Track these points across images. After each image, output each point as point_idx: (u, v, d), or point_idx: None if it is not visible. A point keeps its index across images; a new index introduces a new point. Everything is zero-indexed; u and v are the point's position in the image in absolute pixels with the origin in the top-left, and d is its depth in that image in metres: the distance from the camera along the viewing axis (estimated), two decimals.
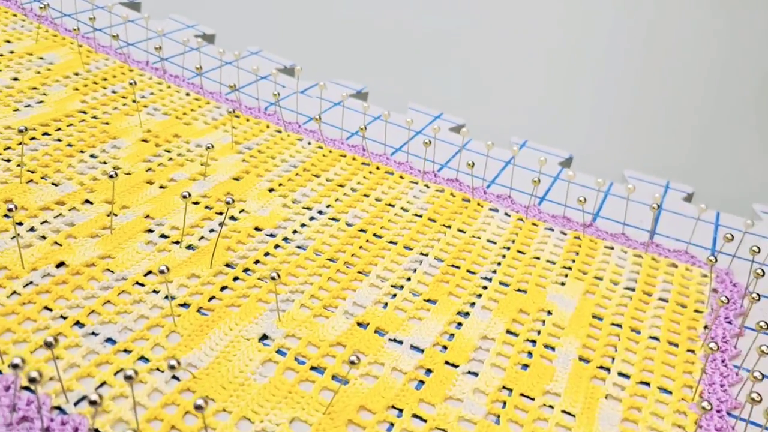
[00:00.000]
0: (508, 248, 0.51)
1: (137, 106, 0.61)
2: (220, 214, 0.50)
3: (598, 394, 0.39)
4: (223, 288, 0.43)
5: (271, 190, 0.54)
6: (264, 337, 0.40)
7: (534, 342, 0.43)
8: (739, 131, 0.99)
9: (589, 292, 0.48)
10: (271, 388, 0.36)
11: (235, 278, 0.44)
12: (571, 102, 1.02)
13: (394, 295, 0.45)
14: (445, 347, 0.41)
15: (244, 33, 0.81)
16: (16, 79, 0.61)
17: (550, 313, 0.45)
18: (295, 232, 0.49)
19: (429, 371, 0.39)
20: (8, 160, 0.51)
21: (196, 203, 0.50)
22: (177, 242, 0.46)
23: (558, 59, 1.12)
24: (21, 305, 0.38)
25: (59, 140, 0.54)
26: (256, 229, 0.49)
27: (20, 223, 0.45)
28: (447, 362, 0.40)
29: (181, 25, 0.80)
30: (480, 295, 0.46)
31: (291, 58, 0.78)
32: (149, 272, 0.43)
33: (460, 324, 0.43)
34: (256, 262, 0.46)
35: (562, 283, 0.48)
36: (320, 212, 0.52)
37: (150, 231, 0.47)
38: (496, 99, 0.97)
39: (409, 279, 0.47)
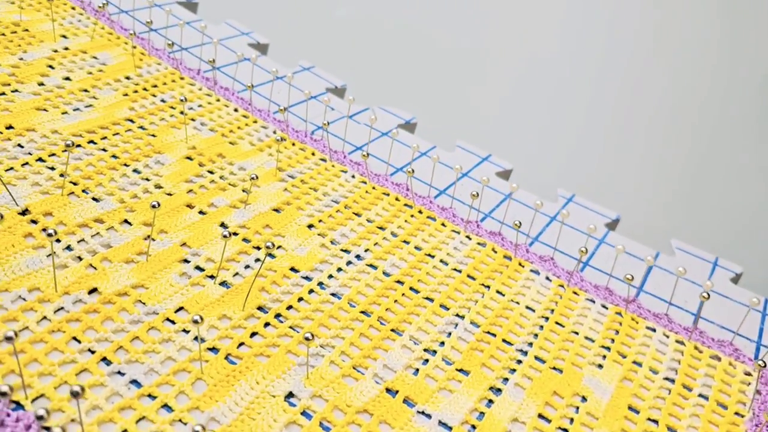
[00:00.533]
0: (547, 318, 0.50)
1: (185, 119, 0.60)
2: (258, 248, 0.49)
3: None
4: (253, 334, 0.42)
5: (310, 226, 0.53)
6: (290, 395, 0.39)
7: (566, 431, 0.41)
8: None
9: (626, 379, 0.46)
10: None
11: (267, 324, 0.43)
12: (623, 155, 1.00)
13: (426, 361, 0.43)
14: (474, 426, 0.40)
15: (299, 45, 0.80)
16: (68, 78, 0.61)
17: (584, 399, 0.44)
18: (330, 276, 0.48)
19: None
20: (52, 168, 0.50)
21: (235, 234, 0.49)
22: (212, 276, 0.45)
23: (616, 111, 1.09)
24: (50, 333, 0.38)
25: (104, 150, 0.54)
26: (292, 269, 0.48)
27: (58, 240, 0.44)
28: None
29: (236, 32, 0.80)
30: (514, 370, 0.44)
31: (343, 77, 0.77)
32: (181, 308, 0.42)
33: (491, 401, 0.42)
34: (289, 307, 0.45)
35: (600, 365, 0.46)
36: (358, 256, 0.51)
37: (186, 261, 0.46)
38: (548, 142, 0.96)
39: (443, 343, 0.45)
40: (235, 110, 0.64)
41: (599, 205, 0.66)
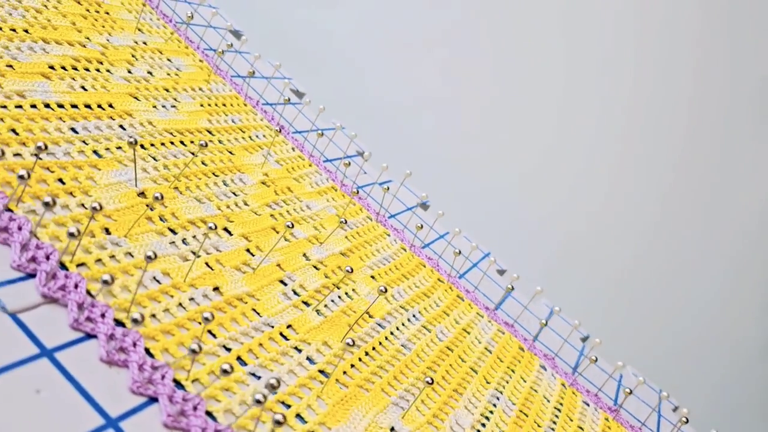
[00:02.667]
0: (559, 410, 0.56)
1: (271, 142, 0.62)
2: (338, 287, 0.52)
3: None
4: (351, 365, 0.45)
5: (373, 277, 0.56)
6: (392, 429, 0.42)
7: None
8: None
9: None
10: None
11: (359, 358, 0.46)
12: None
13: (484, 425, 0.48)
14: None
15: (331, 107, 0.84)
16: (150, 73, 0.61)
17: None
18: (398, 329, 0.52)
19: None
20: (154, 158, 0.51)
21: (317, 268, 0.52)
22: (307, 303, 0.47)
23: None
24: (188, 320, 0.39)
25: (193, 153, 0.55)
26: (368, 314, 0.51)
27: (174, 232, 0.45)
28: None
29: (277, 73, 0.83)
30: None
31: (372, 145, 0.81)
32: (290, 325, 0.44)
33: None
34: (373, 348, 0.48)
35: None
36: (414, 316, 0.55)
37: (284, 283, 0.48)
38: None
39: (491, 413, 0.50)
40: (293, 149, 0.67)
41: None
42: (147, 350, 0.35)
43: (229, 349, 0.39)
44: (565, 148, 1.23)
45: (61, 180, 0.42)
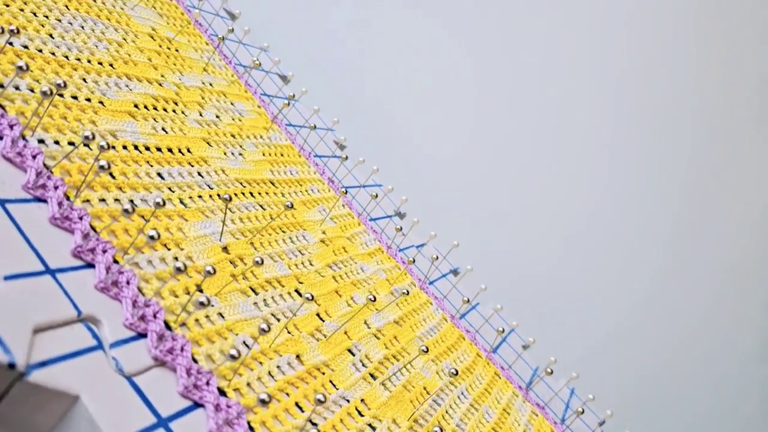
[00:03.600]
0: None
1: (314, 200, 0.62)
2: (396, 358, 0.51)
3: None
4: None
5: (425, 350, 0.56)
6: None
7: None
8: None
9: None
10: None
11: None
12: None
13: None
14: None
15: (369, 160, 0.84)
16: (218, 117, 0.61)
17: None
18: (451, 407, 0.52)
19: None
20: (231, 210, 0.50)
21: (377, 337, 0.52)
22: (373, 376, 0.47)
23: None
24: (279, 391, 0.38)
25: (263, 207, 0.55)
26: (425, 389, 0.51)
27: (255, 291, 0.45)
28: None
29: (321, 123, 0.83)
30: None
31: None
32: (362, 399, 0.44)
33: None
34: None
35: None
36: (463, 393, 0.55)
37: (352, 353, 0.48)
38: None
39: None
40: (343, 206, 0.68)
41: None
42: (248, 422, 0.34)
43: (315, 424, 0.38)
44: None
45: (157, 232, 0.41)
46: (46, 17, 0.51)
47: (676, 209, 1.22)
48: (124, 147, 0.46)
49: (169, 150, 0.50)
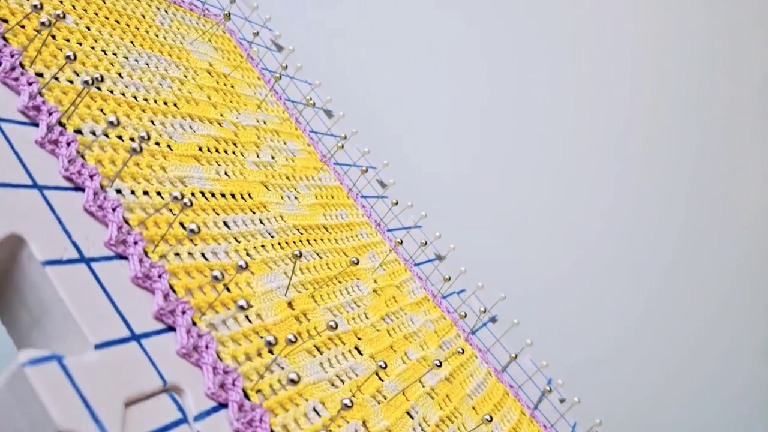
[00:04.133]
0: None
1: (364, 245, 0.62)
2: (451, 421, 0.50)
3: None
4: None
5: (474, 408, 0.55)
6: None
7: None
8: None
9: None
10: None
11: None
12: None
13: None
14: None
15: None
16: (273, 158, 0.61)
17: None
18: None
19: None
20: (300, 254, 0.50)
21: (431, 397, 0.51)
22: None
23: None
24: None
25: (319, 256, 0.54)
26: None
27: (320, 350, 0.44)
28: None
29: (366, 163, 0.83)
30: None
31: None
32: None
33: None
34: None
35: None
36: None
37: (411, 416, 0.47)
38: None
39: None
40: (390, 250, 0.67)
41: None
42: None
43: None
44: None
45: (227, 287, 0.40)
46: (115, 54, 0.50)
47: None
48: (192, 194, 0.45)
49: (232, 195, 0.50)
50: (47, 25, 0.37)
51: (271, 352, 0.39)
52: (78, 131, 0.39)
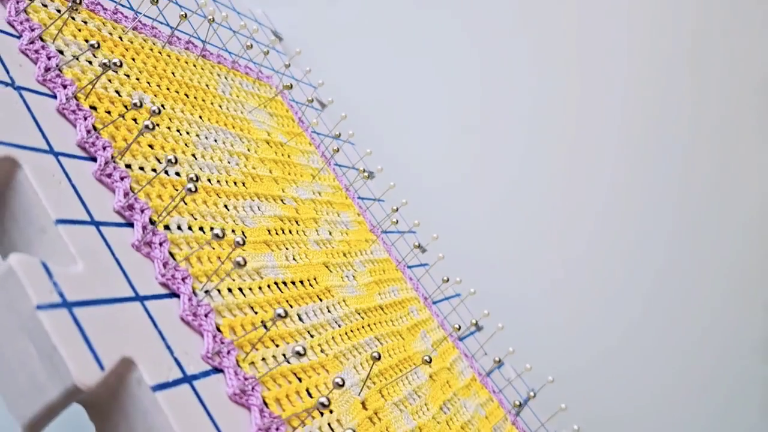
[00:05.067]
0: None
1: (416, 324, 0.61)
2: None
3: None
4: None
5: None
6: None
7: None
8: None
9: None
10: None
11: None
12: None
13: None
14: None
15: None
16: (330, 233, 0.60)
17: None
18: None
19: None
20: (358, 351, 0.49)
21: None
22: None
23: None
24: None
25: (380, 341, 0.53)
26: None
27: None
28: None
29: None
30: None
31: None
32: None
33: None
34: None
35: None
36: None
37: None
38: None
39: None
40: (438, 327, 0.66)
41: None
42: None
43: None
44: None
45: (308, 391, 0.40)
46: (188, 133, 0.50)
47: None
48: (269, 286, 0.45)
49: (301, 282, 0.49)
50: (150, 128, 0.37)
51: None
52: (167, 227, 0.39)
